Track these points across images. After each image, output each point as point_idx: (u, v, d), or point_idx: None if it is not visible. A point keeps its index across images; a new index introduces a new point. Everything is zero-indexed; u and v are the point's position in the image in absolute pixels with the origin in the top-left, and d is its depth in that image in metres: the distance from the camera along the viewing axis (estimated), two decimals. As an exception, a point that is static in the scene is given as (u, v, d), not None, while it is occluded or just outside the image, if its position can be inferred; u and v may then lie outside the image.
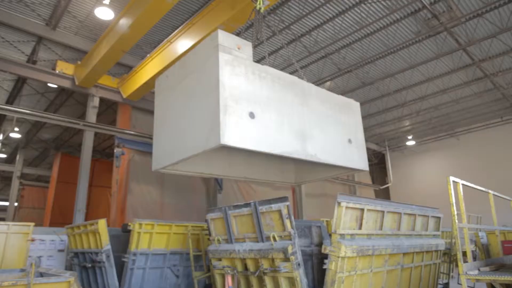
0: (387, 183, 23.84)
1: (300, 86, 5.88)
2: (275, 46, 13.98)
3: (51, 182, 18.76)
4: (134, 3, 9.30)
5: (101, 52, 11.19)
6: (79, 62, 13.12)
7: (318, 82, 16.29)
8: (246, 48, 5.51)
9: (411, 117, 20.22)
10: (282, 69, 15.20)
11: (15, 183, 22.59)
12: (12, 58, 12.66)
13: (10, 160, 25.11)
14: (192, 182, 15.16)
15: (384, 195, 24.23)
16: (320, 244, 6.15)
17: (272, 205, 5.59)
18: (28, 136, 21.71)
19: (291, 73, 6.80)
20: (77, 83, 13.00)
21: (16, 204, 22.39)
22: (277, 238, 5.56)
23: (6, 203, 27.48)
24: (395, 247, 6.14)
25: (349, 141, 6.40)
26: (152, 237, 7.72)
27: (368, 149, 24.35)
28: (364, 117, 19.84)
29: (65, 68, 13.09)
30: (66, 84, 13.20)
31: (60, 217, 16.43)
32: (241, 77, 4.91)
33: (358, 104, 7.17)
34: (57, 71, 12.96)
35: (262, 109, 5.00)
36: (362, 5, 11.61)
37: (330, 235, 6.10)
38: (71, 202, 13.47)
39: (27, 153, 24.13)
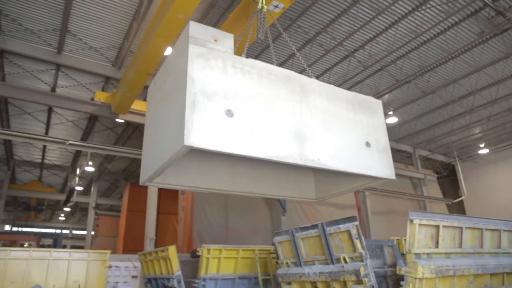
0: (460, 196, 22.13)
1: (298, 81, 5.05)
2: (329, 63, 13.92)
3: (122, 211, 19.88)
4: (152, 25, 9.17)
5: (128, 77, 11.19)
6: (114, 91, 13.30)
7: (376, 96, 15.84)
8: (226, 40, 4.85)
9: (482, 124, 18.80)
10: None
11: (91, 213, 24.33)
12: (82, 98, 13.71)
13: (86, 192, 27.16)
14: (255, 205, 15.27)
15: (458, 209, 22.47)
16: (394, 265, 5.83)
17: (340, 226, 5.44)
18: (100, 169, 23.43)
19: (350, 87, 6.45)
20: (113, 110, 13.17)
21: (92, 233, 23.99)
22: (348, 260, 5.36)
23: (84, 232, 29.61)
24: (480, 267, 5.63)
25: (367, 144, 5.32)
26: (221, 262, 7.82)
27: (435, 160, 23.24)
28: (428, 128, 19.05)
29: (103, 97, 13.37)
30: (106, 113, 13.45)
31: (132, 244, 17.27)
32: (217, 71, 4.29)
33: (379, 102, 6.02)
34: (95, 101, 13.34)
35: (243, 107, 4.28)
36: (416, 12, 11.23)
37: (403, 254, 5.78)
38: (141, 230, 14.16)
39: (100, 185, 26.01)
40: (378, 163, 5.39)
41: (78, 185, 23.26)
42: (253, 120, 4.31)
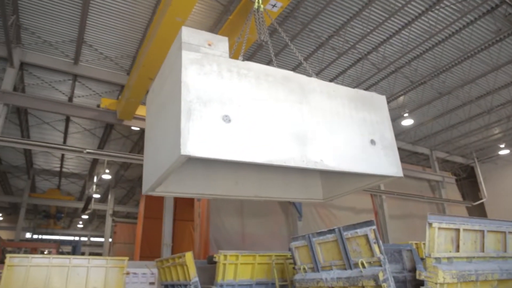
0: (481, 199, 21.61)
1: (296, 81, 4.88)
2: (342, 67, 13.86)
3: (139, 218, 20.02)
4: (151, 29, 9.13)
5: (131, 82, 11.14)
6: (119, 97, 13.34)
7: (391, 98, 15.69)
8: (220, 43, 4.71)
9: (501, 124, 18.38)
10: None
11: (109, 221, 24.65)
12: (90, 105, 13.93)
13: (103, 199, 27.56)
14: (271, 211, 15.23)
15: (479, 212, 21.94)
16: (413, 270, 5.71)
17: (358, 230, 5.36)
18: (117, 177, 23.75)
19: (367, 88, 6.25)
20: (118, 117, 13.18)
21: (110, 240, 24.28)
22: (366, 265, 5.28)
23: (102, 239, 30.00)
24: (505, 272, 5.46)
25: (372, 142, 5.12)
26: (237, 268, 7.80)
27: (453, 162, 22.79)
28: (445, 129, 18.71)
29: (108, 104, 13.32)
30: (111, 119, 13.45)
31: (149, 251, 17.38)
32: (212, 76, 4.20)
33: (383, 97, 5.76)
34: (101, 108, 13.37)
35: (241, 111, 4.19)
36: (429, 12, 11.09)
37: (422, 259, 5.66)
38: (157, 237, 14.26)
39: (117, 192, 26.37)
40: (384, 161, 5.18)
41: (96, 192, 23.62)
42: (252, 124, 4.20)
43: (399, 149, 18.96)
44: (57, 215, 32.96)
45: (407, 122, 17.91)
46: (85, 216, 33.93)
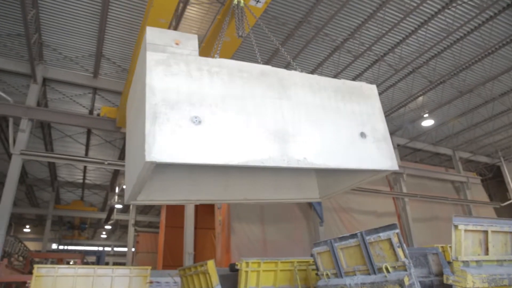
0: (509, 199, 20.89)
1: (275, 76, 4.58)
2: (358, 69, 13.75)
3: (161, 227, 20.26)
4: (140, 34, 8.99)
5: (125, 89, 11.00)
6: (118, 105, 13.26)
7: (410, 99, 15.45)
8: (189, 42, 4.53)
9: (527, 121, 17.81)
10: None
11: (131, 230, 24.96)
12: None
13: (125, 209, 27.97)
14: (291, 217, 15.14)
15: (508, 213, 21.20)
16: (440, 274, 5.55)
17: (381, 234, 5.26)
18: (138, 187, 24.04)
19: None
20: (116, 124, 13.14)
21: (133, 249, 24.58)
22: (390, 269, 5.16)
23: (125, 249, 30.39)
24: (537, 274, 5.24)
25: (362, 135, 4.76)
26: (260, 275, 7.75)
27: (478, 162, 22.17)
28: (468, 128, 18.25)
29: (108, 112, 13.32)
30: (110, 127, 13.45)
31: (171, 260, 17.52)
32: (180, 77, 3.97)
33: (373, 86, 5.32)
34: (101, 116, 13.44)
35: (212, 111, 3.95)
36: (446, 10, 10.90)
37: (449, 263, 5.50)
38: (179, 245, 14.35)
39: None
40: (376, 154, 4.79)
41: (118, 203, 24.00)
42: (225, 124, 3.95)
43: (420, 150, 18.63)
44: (81, 226, 33.66)
45: (428, 122, 17.55)
46: (108, 227, 34.54)
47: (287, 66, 12.84)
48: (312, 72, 13.31)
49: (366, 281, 5.41)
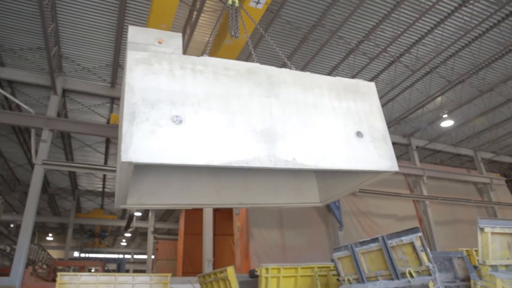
0: (536, 200, 20.24)
1: (263, 73, 4.39)
2: (374, 71, 13.60)
3: (179, 234, 20.38)
4: None
5: None
6: None
7: (428, 100, 15.19)
8: (173, 40, 4.40)
9: (552, 119, 17.25)
10: (384, 94, 14.63)
11: (150, 238, 25.18)
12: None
13: (144, 217, 28.26)
14: (310, 222, 15.01)
15: (535, 214, 20.52)
16: (466, 279, 5.38)
17: (403, 238, 5.14)
18: (156, 194, 24.28)
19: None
20: None
21: (153, 256, 24.76)
22: (414, 274, 5.03)
23: (145, 256, 30.67)
24: None
25: (358, 134, 4.50)
26: (280, 281, 7.67)
27: (501, 163, 21.58)
28: (489, 128, 17.78)
29: (117, 119, 13.38)
30: (116, 134, 13.40)
31: (190, 267, 17.57)
32: (162, 76, 3.86)
33: (371, 84, 5.02)
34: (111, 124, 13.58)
35: (195, 110, 3.80)
36: (463, 8, 10.70)
37: (475, 267, 5.33)
38: (198, 252, 14.37)
39: (157, 210, 26.93)
40: (374, 155, 4.49)
41: (137, 211, 24.25)
42: (207, 124, 3.79)
43: (440, 152, 18.26)
44: (101, 234, 34.20)
45: (447, 123, 17.20)
46: (127, 234, 34.95)
47: (304, 68, 12.82)
48: (330, 72, 13.24)
49: (389, 286, 5.28)
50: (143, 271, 32.09)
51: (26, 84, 12.95)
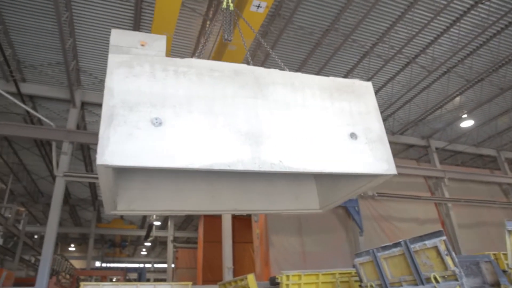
0: None
1: (251, 74, 4.28)
2: (390, 74, 13.45)
3: (199, 242, 20.43)
4: None
5: None
6: None
7: (446, 100, 14.92)
8: (156, 43, 4.36)
9: None
10: (401, 96, 14.44)
11: (170, 247, 25.35)
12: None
13: (163, 226, 28.50)
14: (330, 227, 14.85)
15: None
16: (496, 284, 5.21)
17: (426, 242, 5.03)
18: (175, 203, 24.48)
19: None
20: None
21: (173, 265, 24.89)
22: (439, 279, 4.90)
23: (165, 265, 30.86)
24: None
25: (352, 135, 4.32)
26: (300, 288, 7.61)
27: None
28: (512, 127, 17.31)
29: None
30: None
31: (210, 275, 17.56)
32: (142, 78, 3.82)
33: (367, 84, 4.80)
34: None
35: (176, 113, 3.73)
36: (480, 5, 10.49)
37: (504, 271, 5.17)
38: (218, 260, 14.37)
39: (175, 219, 27.16)
40: (369, 157, 4.28)
41: (156, 220, 24.49)
42: (188, 126, 3.71)
43: (461, 153, 17.83)
44: (122, 244, 34.60)
45: (467, 123, 16.83)
46: (147, 243, 35.27)
47: (319, 72, 12.79)
48: (346, 75, 13.17)
49: (414, 292, 5.16)
50: (163, 280, 32.27)
51: (46, 98, 13.30)
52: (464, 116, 16.09)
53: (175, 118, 3.68)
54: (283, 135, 3.99)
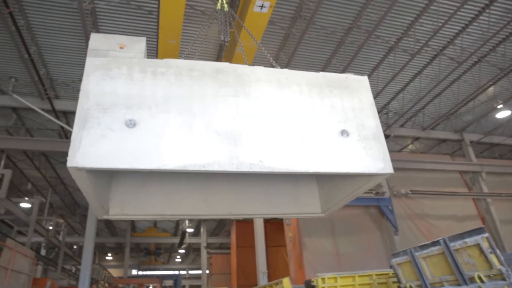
0: None
1: (233, 72, 4.16)
2: (417, 68, 13.10)
3: (232, 248, 20.54)
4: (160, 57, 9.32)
5: None
6: None
7: (478, 91, 14.37)
8: (135, 45, 4.31)
9: None
10: (430, 90, 14.04)
11: (204, 253, 25.61)
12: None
13: (196, 233, 28.86)
14: (363, 227, 14.59)
15: None
16: (546, 281, 4.94)
17: (467, 240, 4.84)
18: (206, 210, 24.76)
19: None
20: None
21: (207, 271, 25.12)
22: (484, 279, 4.70)
23: (199, 272, 31.20)
24: None
25: (343, 133, 4.03)
26: (337, 291, 7.50)
27: None
28: (551, 116, 16.41)
29: None
30: None
31: (244, 280, 17.60)
32: (119, 80, 3.77)
33: (363, 78, 4.47)
34: None
35: (151, 114, 3.67)
36: (511, -10, 10.08)
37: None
38: (252, 265, 14.39)
39: (208, 225, 27.44)
40: (363, 156, 3.96)
41: (189, 227, 24.82)
42: (163, 126, 3.61)
43: (498, 145, 17.12)
44: (156, 251, 35.27)
45: (503, 114, 16.12)
46: (181, 250, 35.78)
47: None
48: (368, 77, 12.92)
49: (457, 292, 4.97)
50: (198, 286, 32.65)
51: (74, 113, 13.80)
52: (500, 106, 15.43)
53: (150, 119, 3.64)
54: (265, 134, 3.84)
